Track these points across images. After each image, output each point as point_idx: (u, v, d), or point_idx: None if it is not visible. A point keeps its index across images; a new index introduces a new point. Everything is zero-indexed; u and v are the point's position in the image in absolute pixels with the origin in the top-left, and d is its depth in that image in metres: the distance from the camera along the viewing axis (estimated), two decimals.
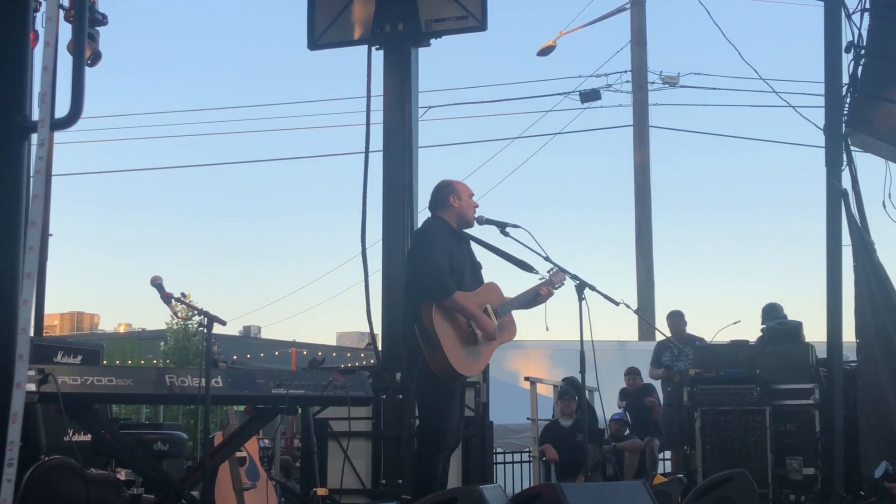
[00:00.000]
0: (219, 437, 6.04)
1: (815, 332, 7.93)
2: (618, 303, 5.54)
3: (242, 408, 6.18)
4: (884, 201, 7.04)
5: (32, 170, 2.78)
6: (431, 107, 17.50)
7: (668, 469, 9.63)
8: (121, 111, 56.92)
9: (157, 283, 5.17)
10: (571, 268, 5.50)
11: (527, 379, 9.72)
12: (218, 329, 4.92)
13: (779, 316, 8.75)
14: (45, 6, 4.19)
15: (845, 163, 7.00)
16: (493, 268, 5.60)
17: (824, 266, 6.89)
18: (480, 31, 7.58)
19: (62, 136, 13.70)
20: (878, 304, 6.87)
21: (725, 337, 8.59)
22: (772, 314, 8.79)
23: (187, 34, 57.30)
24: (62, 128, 2.97)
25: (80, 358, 6.03)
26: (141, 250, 51.02)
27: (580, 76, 18.63)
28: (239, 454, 6.18)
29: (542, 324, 5.61)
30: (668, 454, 9.91)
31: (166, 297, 5.18)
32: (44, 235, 7.16)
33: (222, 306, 77.28)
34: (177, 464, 7.42)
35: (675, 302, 34.69)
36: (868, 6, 6.96)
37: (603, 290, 5.48)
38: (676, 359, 9.42)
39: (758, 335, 8.62)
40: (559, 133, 19.47)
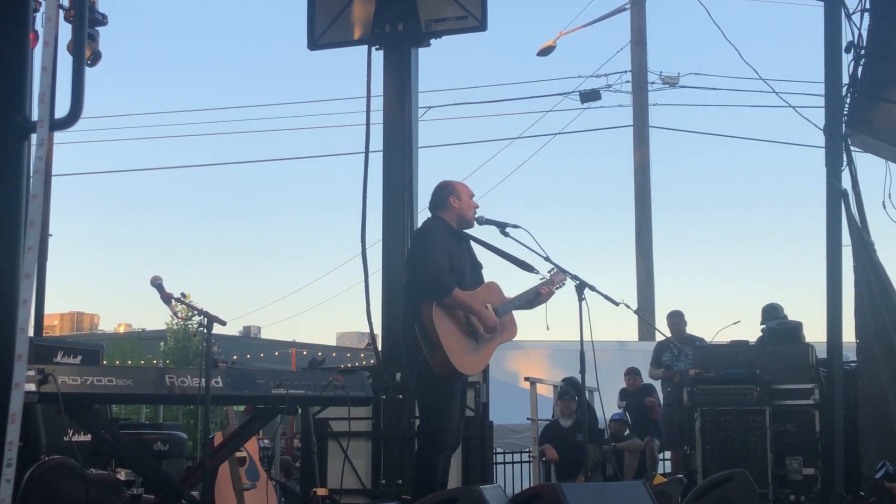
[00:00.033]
0: (219, 437, 6.04)
1: (815, 332, 7.94)
2: (618, 303, 5.54)
3: (242, 408, 6.18)
4: (884, 201, 7.04)
5: (32, 170, 2.78)
6: (431, 107, 17.53)
7: (668, 469, 9.63)
8: (121, 111, 56.98)
9: (157, 284, 5.16)
10: (571, 268, 5.52)
11: (527, 379, 9.72)
12: (218, 329, 4.93)
13: (779, 316, 8.75)
14: (44, 6, 4.18)
15: (845, 163, 7.01)
16: (493, 268, 5.61)
17: (824, 266, 6.90)
18: (480, 31, 7.58)
19: (62, 136, 13.71)
20: (878, 305, 6.87)
21: (725, 337, 8.60)
22: (772, 314, 8.79)
23: (187, 34, 57.36)
24: (62, 128, 2.97)
25: (80, 358, 6.04)
26: (141, 250, 51.08)
27: (580, 76, 18.69)
28: (239, 454, 6.18)
29: (542, 323, 5.62)
30: (668, 454, 9.91)
31: (166, 298, 5.18)
32: (44, 235, 7.16)
33: (222, 306, 77.31)
34: (177, 464, 7.41)
35: (675, 302, 34.72)
36: (868, 6, 6.96)
37: (603, 291, 5.48)
38: (676, 359, 9.42)
39: (758, 335, 8.62)
40: (559, 133, 19.49)
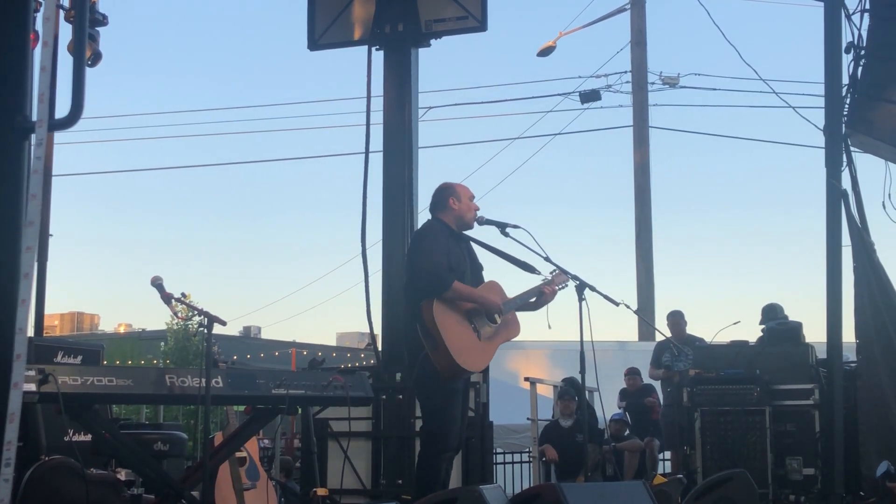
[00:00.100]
0: (219, 438, 6.04)
1: (815, 333, 7.94)
2: (618, 303, 5.54)
3: (242, 408, 6.18)
4: (884, 202, 7.05)
5: (30, 169, 2.78)
6: (431, 107, 17.47)
7: (668, 469, 9.62)
8: (121, 111, 56.98)
9: (158, 284, 5.17)
10: (571, 268, 5.52)
11: (527, 379, 9.71)
12: (218, 329, 4.93)
13: (778, 316, 8.76)
14: (44, 6, 4.18)
15: (845, 163, 7.01)
16: (494, 269, 5.61)
17: (824, 266, 6.90)
18: (480, 31, 7.58)
19: (62, 136, 13.69)
20: (878, 305, 6.87)
21: (725, 337, 8.60)
22: (771, 314, 8.80)
23: (188, 34, 57.36)
24: (62, 128, 2.97)
25: (80, 358, 6.04)
26: (141, 250, 51.06)
27: (580, 77, 18.62)
28: (239, 454, 6.18)
29: (542, 323, 5.61)
30: (667, 454, 9.91)
31: (166, 298, 5.18)
32: (44, 236, 7.15)
33: (222, 306, 77.34)
34: (177, 464, 7.42)
35: (675, 302, 34.70)
36: (868, 7, 6.96)
37: (603, 291, 5.48)
38: (676, 359, 9.42)
39: (758, 335, 8.62)
40: (559, 133, 19.42)
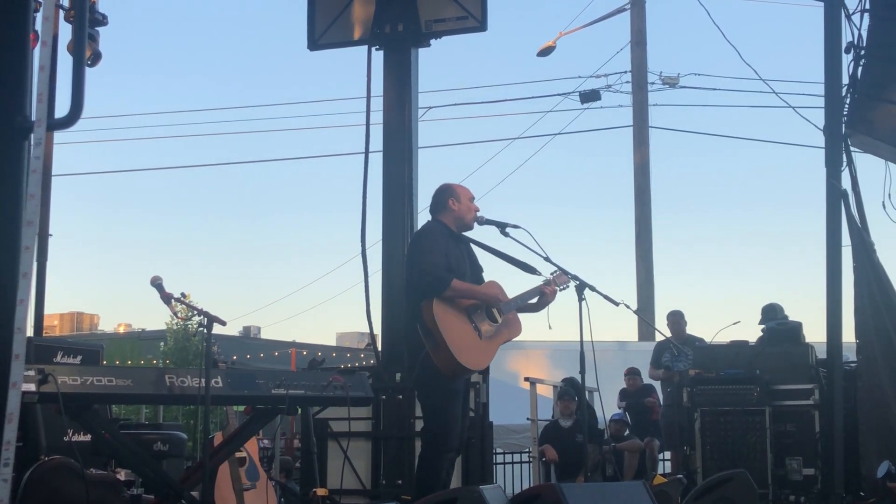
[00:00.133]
0: (219, 438, 6.04)
1: (815, 333, 7.94)
2: (618, 303, 5.54)
3: (242, 408, 6.18)
4: (884, 202, 7.04)
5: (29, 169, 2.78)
6: (431, 107, 17.48)
7: (668, 469, 9.62)
8: (120, 111, 56.94)
9: (157, 284, 5.16)
10: (571, 268, 5.51)
11: (527, 379, 9.71)
12: (218, 329, 4.92)
13: (778, 316, 8.76)
14: (43, 6, 4.18)
15: (845, 163, 7.01)
16: (494, 270, 5.60)
17: (824, 266, 6.90)
18: (480, 31, 7.58)
19: (62, 135, 13.69)
20: (878, 305, 6.87)
21: (725, 337, 8.60)
22: (771, 314, 8.79)
23: (188, 34, 57.29)
24: (62, 128, 2.98)
25: (79, 358, 6.03)
26: (141, 250, 51.00)
27: (580, 77, 18.58)
28: (239, 454, 6.17)
29: (542, 323, 5.61)
30: (667, 455, 9.90)
31: (166, 298, 5.17)
32: (43, 236, 7.15)
33: (222, 306, 77.31)
34: (177, 464, 7.41)
35: (675, 302, 34.69)
36: (868, 6, 6.96)
37: (603, 291, 5.48)
38: (676, 359, 9.42)
39: (758, 335, 8.62)
40: (559, 133, 19.42)
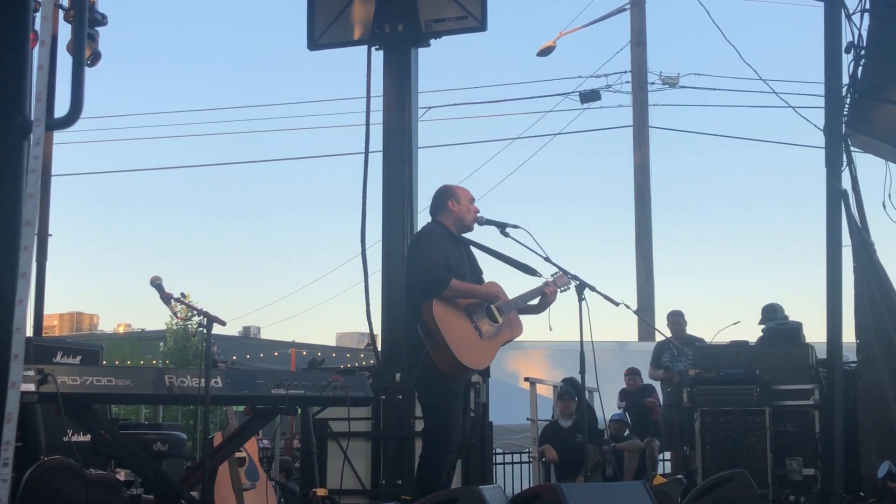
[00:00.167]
0: (218, 438, 6.04)
1: (815, 333, 7.94)
2: (618, 303, 5.53)
3: (242, 408, 6.17)
4: (884, 202, 7.05)
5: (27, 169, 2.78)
6: (431, 107, 17.49)
7: (668, 470, 9.62)
8: (120, 111, 56.94)
9: (157, 284, 5.15)
10: (571, 268, 5.50)
11: (526, 379, 9.71)
12: (217, 329, 4.92)
13: (778, 316, 8.76)
14: (42, 6, 4.18)
15: (845, 163, 7.01)
16: (494, 271, 5.60)
17: (824, 266, 6.89)
18: (480, 31, 7.58)
19: (62, 135, 13.67)
20: (878, 305, 6.87)
21: (725, 337, 8.60)
22: (771, 314, 8.79)
23: (187, 34, 57.30)
24: (62, 127, 2.98)
25: (79, 358, 6.03)
26: (140, 250, 51.01)
27: (580, 77, 18.58)
28: (238, 455, 6.17)
29: (543, 324, 5.60)
30: (667, 455, 9.90)
31: (166, 298, 5.17)
32: (43, 236, 7.15)
33: (222, 306, 77.24)
34: (176, 464, 7.41)
35: (675, 302, 34.70)
36: (868, 6, 6.96)
37: (603, 291, 5.48)
38: (676, 359, 9.42)
39: (758, 335, 8.62)
40: (559, 133, 19.44)
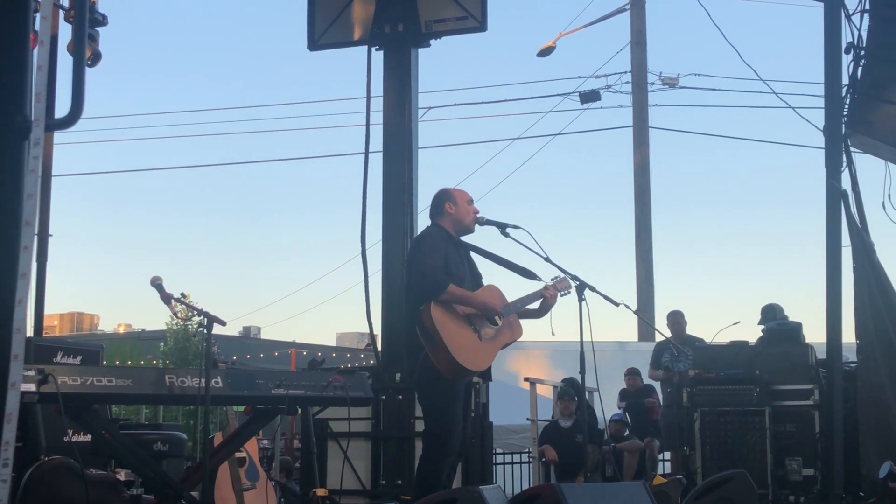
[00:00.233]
0: (218, 438, 6.03)
1: (815, 333, 7.94)
2: (618, 303, 5.53)
3: (242, 408, 6.18)
4: (883, 202, 7.05)
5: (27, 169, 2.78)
6: (431, 107, 17.48)
7: (668, 470, 9.62)
8: (121, 111, 56.97)
9: (157, 284, 5.15)
10: (571, 268, 5.50)
11: (526, 379, 9.70)
12: (218, 329, 4.92)
13: (778, 316, 8.76)
14: (41, 6, 4.18)
15: (845, 164, 7.01)
16: (494, 274, 5.59)
17: (824, 266, 6.90)
18: (480, 31, 7.59)
19: (62, 135, 13.66)
20: (878, 305, 6.88)
21: (725, 337, 8.60)
22: (771, 315, 8.79)
23: (188, 34, 57.34)
24: (63, 128, 2.99)
25: (79, 358, 6.03)
26: (141, 250, 51.04)
27: (580, 77, 18.54)
28: (238, 455, 6.17)
29: (544, 328, 5.59)
30: (667, 455, 9.91)
31: (166, 298, 5.17)
32: (43, 236, 7.14)
33: (222, 306, 77.25)
34: (176, 464, 7.41)
35: (675, 302, 34.73)
36: (868, 7, 6.97)
37: (603, 291, 5.48)
38: (676, 359, 9.42)
39: (758, 336, 8.62)
40: (559, 134, 19.43)
